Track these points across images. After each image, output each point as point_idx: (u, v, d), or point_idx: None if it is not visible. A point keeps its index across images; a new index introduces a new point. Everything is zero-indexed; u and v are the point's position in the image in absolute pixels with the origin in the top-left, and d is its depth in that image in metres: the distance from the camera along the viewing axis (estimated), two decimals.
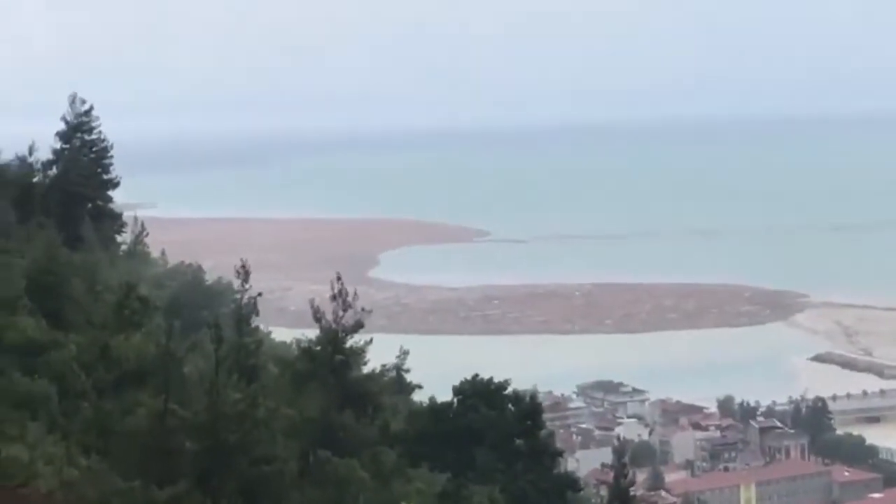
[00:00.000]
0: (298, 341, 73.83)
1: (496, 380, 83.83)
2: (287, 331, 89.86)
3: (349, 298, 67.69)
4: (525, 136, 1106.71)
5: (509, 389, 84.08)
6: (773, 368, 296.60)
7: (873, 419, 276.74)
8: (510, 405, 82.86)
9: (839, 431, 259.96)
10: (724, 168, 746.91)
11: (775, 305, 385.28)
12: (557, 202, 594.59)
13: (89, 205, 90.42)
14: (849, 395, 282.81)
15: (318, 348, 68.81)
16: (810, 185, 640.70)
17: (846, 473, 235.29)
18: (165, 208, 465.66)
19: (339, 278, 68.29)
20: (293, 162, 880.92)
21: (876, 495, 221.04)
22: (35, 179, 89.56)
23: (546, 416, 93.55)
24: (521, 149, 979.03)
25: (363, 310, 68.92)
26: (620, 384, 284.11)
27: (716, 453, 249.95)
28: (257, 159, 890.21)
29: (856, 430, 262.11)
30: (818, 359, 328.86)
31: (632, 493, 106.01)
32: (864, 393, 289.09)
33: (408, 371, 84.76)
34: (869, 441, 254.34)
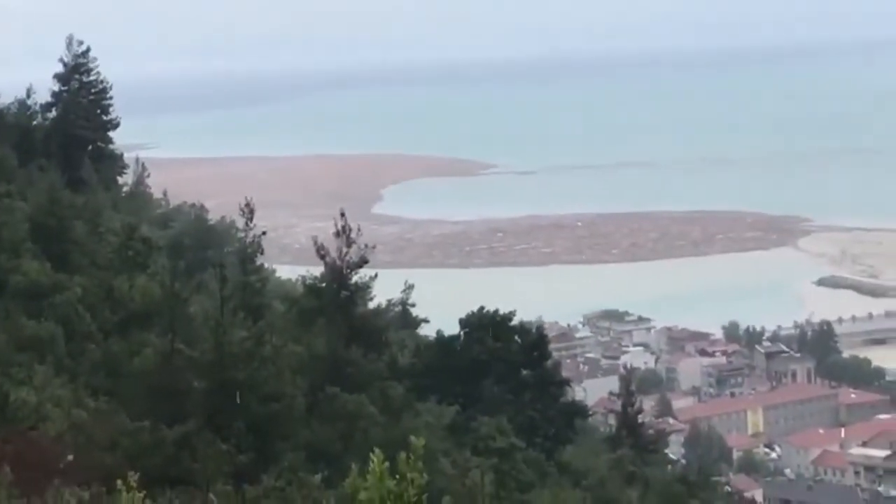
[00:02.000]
0: (303, 278, 73.91)
1: (502, 312, 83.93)
2: (292, 268, 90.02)
3: (353, 235, 67.70)
4: (528, 69, 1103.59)
5: (515, 321, 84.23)
6: (778, 293, 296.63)
7: (879, 341, 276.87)
8: (516, 337, 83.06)
9: (845, 354, 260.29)
10: (724, 97, 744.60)
11: (779, 230, 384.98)
12: (563, 134, 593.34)
13: (90, 146, 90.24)
14: (854, 318, 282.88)
15: (324, 285, 68.92)
16: (809, 111, 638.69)
17: (853, 395, 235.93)
18: (167, 149, 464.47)
19: (342, 214, 68.24)
20: (296, 100, 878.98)
21: (883, 416, 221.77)
22: (35, 122, 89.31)
23: (552, 346, 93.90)
24: (524, 82, 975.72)
25: (367, 246, 68.94)
26: (626, 313, 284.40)
27: (722, 379, 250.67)
28: (260, 99, 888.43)
29: (862, 353, 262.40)
30: (823, 282, 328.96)
31: (639, 420, 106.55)
32: (870, 315, 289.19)
33: (413, 305, 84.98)
34: (875, 363, 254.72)
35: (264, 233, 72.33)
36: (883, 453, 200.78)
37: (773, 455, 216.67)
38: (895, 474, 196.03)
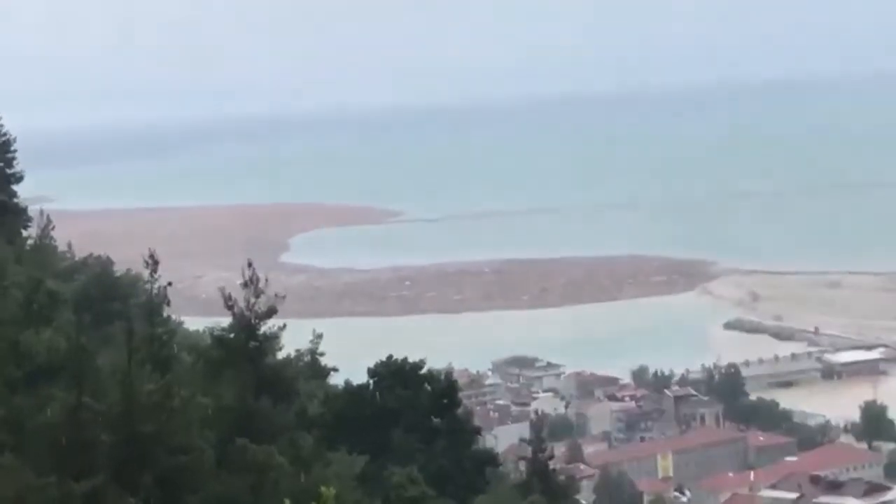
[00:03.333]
0: (211, 329, 73.62)
1: (411, 360, 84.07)
2: (200, 319, 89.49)
3: (261, 284, 67.60)
4: (435, 115, 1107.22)
5: (425, 369, 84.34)
6: (685, 337, 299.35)
7: (786, 383, 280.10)
8: (426, 384, 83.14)
9: (753, 397, 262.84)
10: (626, 140, 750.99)
11: (686, 274, 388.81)
12: (468, 181, 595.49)
13: None
14: (761, 361, 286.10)
15: (232, 336, 68.66)
16: (710, 154, 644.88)
17: (761, 438, 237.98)
18: (68, 201, 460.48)
19: (249, 265, 68.10)
20: (199, 151, 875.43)
21: (791, 458, 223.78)
22: None
23: (462, 393, 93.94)
24: (432, 129, 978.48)
25: (276, 295, 68.82)
26: (536, 359, 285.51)
27: (632, 424, 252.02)
28: (159, 150, 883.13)
29: (769, 395, 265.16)
30: (730, 326, 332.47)
31: (551, 467, 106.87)
32: (776, 358, 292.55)
33: (322, 355, 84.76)
34: (783, 405, 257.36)
35: (170, 284, 71.94)
36: (792, 495, 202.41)
37: (684, 499, 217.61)
38: None
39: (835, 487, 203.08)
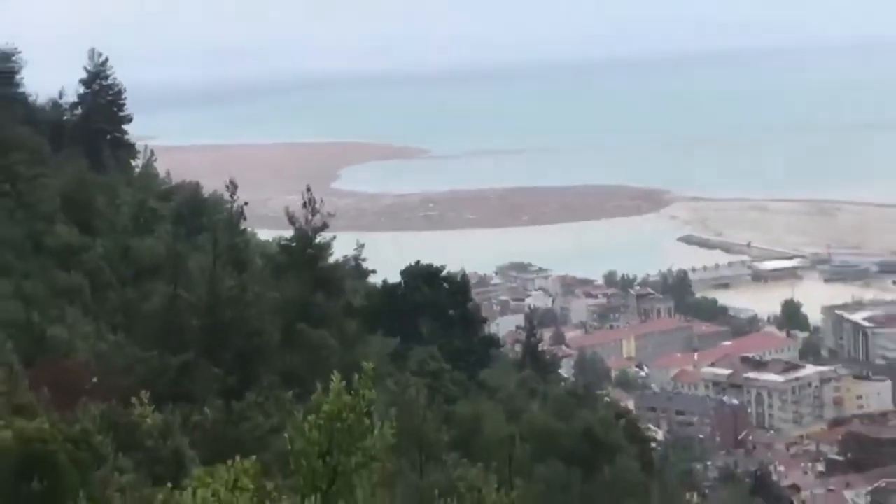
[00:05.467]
0: (278, 240, 73.66)
1: (434, 265, 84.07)
2: (269, 232, 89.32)
3: (317, 205, 67.46)
4: (455, 76, 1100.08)
5: (444, 272, 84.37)
6: (646, 249, 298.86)
7: (723, 285, 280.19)
8: (444, 284, 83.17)
9: (698, 295, 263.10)
10: (610, 98, 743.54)
11: (648, 200, 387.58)
12: (483, 127, 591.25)
13: (108, 137, 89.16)
14: (705, 268, 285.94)
15: (293, 244, 68.65)
16: (670, 109, 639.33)
17: (703, 327, 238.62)
18: (168, 139, 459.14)
19: (308, 189, 67.99)
20: (269, 100, 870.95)
21: (726, 343, 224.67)
22: (65, 118, 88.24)
23: (473, 291, 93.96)
24: (455, 86, 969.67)
25: (328, 213, 68.70)
26: (529, 265, 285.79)
27: (603, 315, 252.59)
28: (241, 99, 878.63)
29: (711, 294, 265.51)
30: (682, 240, 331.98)
31: (539, 348, 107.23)
32: (716, 265, 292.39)
33: (364, 260, 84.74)
34: (721, 302, 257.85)
35: (246, 204, 72.04)
36: (726, 371, 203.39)
37: (643, 374, 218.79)
38: (735, 387, 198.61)
39: (760, 366, 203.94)
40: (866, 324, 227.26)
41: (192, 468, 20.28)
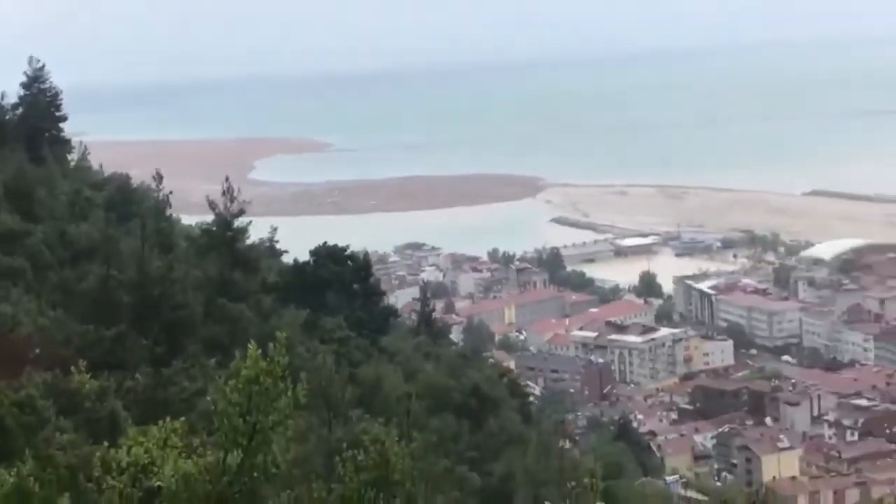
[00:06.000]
0: (200, 224, 72.77)
1: (339, 245, 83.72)
2: (192, 217, 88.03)
3: (234, 193, 66.80)
4: (352, 78, 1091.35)
5: (348, 251, 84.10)
6: (524, 229, 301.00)
7: (590, 260, 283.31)
8: (349, 262, 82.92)
9: (569, 269, 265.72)
10: (496, 98, 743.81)
11: (524, 186, 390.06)
12: (383, 122, 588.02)
13: (46, 134, 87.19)
14: (574, 245, 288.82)
15: (214, 229, 67.88)
16: (538, 105, 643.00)
17: (573, 297, 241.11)
18: (99, 135, 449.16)
19: (227, 179, 67.32)
20: (189, 101, 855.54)
21: (593, 310, 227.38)
22: (7, 118, 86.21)
23: (373, 267, 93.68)
24: (353, 87, 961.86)
25: (245, 201, 68.08)
26: (423, 244, 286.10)
27: (488, 287, 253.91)
28: (164, 101, 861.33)
29: (579, 268, 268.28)
30: (554, 221, 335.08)
31: (433, 317, 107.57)
32: (584, 243, 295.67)
33: (277, 242, 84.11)
34: (588, 275, 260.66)
35: (171, 192, 71.25)
36: (593, 334, 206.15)
37: (522, 337, 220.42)
38: (601, 348, 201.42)
39: (622, 329, 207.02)
40: (711, 291, 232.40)
41: (127, 428, 20.11)
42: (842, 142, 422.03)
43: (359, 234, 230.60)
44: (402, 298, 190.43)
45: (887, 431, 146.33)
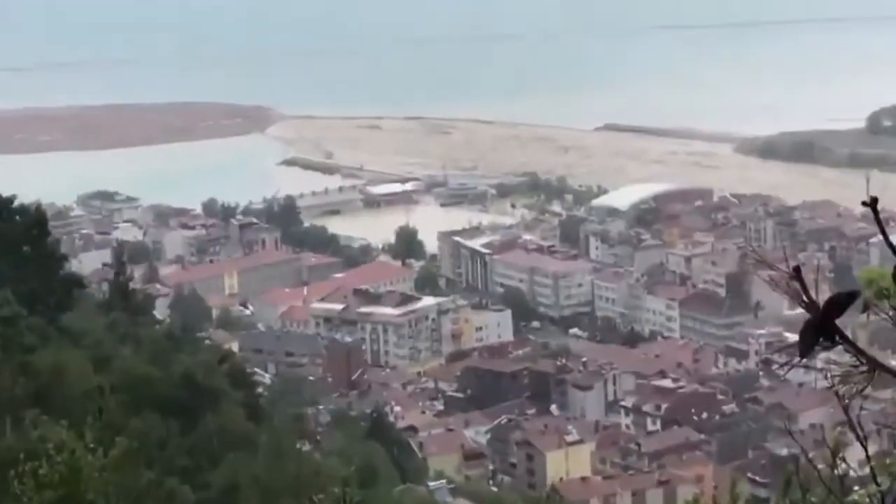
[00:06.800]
0: None
1: (2, 195, 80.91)
2: None
3: None
4: None
5: (15, 203, 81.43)
6: (249, 173, 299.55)
7: (334, 212, 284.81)
8: (17, 217, 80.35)
9: (307, 224, 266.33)
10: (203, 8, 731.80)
11: (248, 118, 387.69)
12: (49, 32, 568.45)
13: None
14: (313, 193, 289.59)
15: None
16: (285, 20, 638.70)
17: (313, 259, 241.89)
18: None
19: None
20: None
21: (338, 275, 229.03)
22: None
23: (51, 225, 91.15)
24: None
25: None
26: (116, 193, 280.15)
27: (202, 248, 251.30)
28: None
29: (320, 222, 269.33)
30: (287, 163, 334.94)
31: (130, 287, 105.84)
32: (326, 190, 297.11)
33: None
34: (331, 231, 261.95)
35: None
36: (339, 306, 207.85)
37: (248, 312, 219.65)
38: (349, 323, 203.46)
39: (374, 299, 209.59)
40: (484, 251, 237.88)
41: None
42: (640, 64, 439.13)
43: (30, 180, 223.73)
44: (89, 264, 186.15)
45: (695, 418, 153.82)
